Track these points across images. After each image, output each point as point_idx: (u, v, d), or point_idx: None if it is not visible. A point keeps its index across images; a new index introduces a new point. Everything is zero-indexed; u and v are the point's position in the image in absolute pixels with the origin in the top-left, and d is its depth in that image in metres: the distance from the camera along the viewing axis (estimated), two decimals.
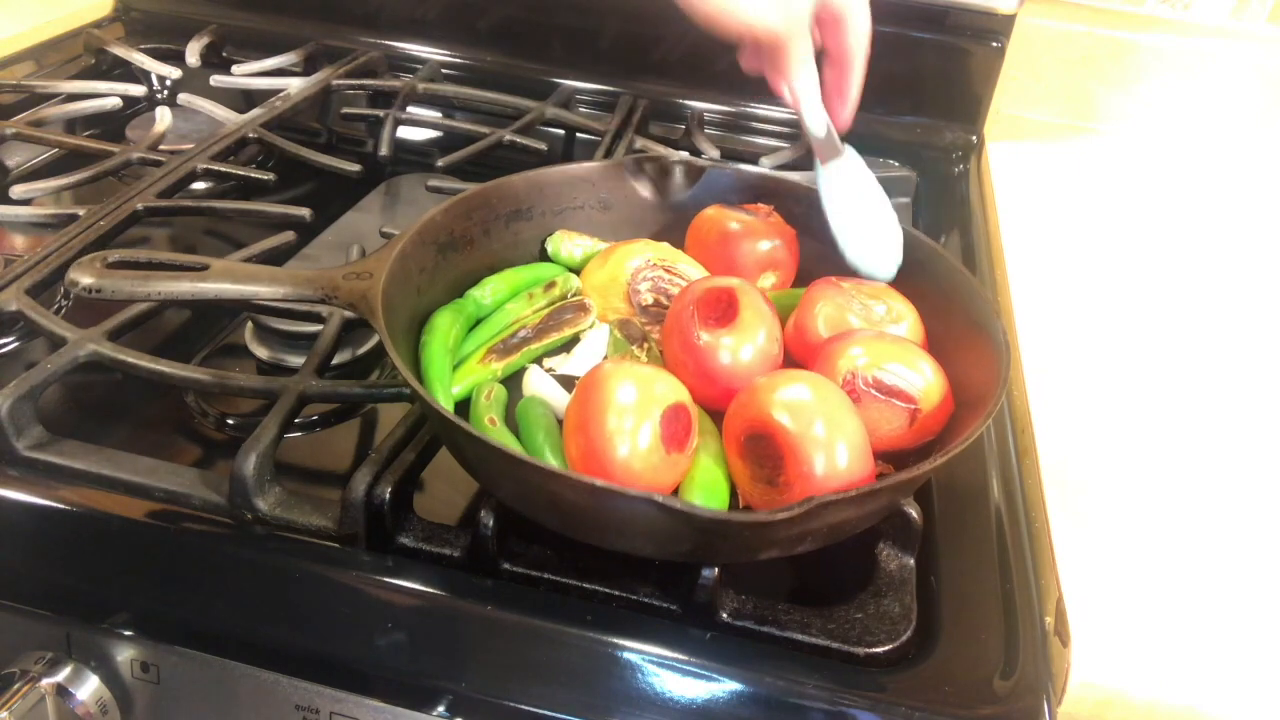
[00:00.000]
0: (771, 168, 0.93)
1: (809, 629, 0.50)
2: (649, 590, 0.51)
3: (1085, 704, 0.49)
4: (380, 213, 0.88)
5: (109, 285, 0.53)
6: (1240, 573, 0.55)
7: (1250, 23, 1.05)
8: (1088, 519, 0.57)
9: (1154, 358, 0.73)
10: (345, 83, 1.02)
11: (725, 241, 0.67)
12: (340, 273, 0.56)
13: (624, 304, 0.65)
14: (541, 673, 0.47)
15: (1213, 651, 0.50)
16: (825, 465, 0.47)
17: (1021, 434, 0.65)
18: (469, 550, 0.52)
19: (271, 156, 0.92)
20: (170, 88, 1.04)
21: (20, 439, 0.55)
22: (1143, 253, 0.87)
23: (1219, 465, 0.63)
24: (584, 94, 1.07)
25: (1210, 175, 1.04)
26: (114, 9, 1.20)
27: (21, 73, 1.05)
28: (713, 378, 0.56)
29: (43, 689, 0.50)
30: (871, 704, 0.46)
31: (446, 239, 0.63)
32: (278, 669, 0.49)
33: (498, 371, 0.60)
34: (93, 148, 0.86)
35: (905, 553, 0.54)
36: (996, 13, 1.00)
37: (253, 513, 0.52)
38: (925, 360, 0.55)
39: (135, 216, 0.76)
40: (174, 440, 0.61)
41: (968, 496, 0.58)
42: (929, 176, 0.99)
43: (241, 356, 0.68)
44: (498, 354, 0.61)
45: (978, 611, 0.51)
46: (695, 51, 1.07)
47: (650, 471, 0.48)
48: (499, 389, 0.58)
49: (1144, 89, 1.09)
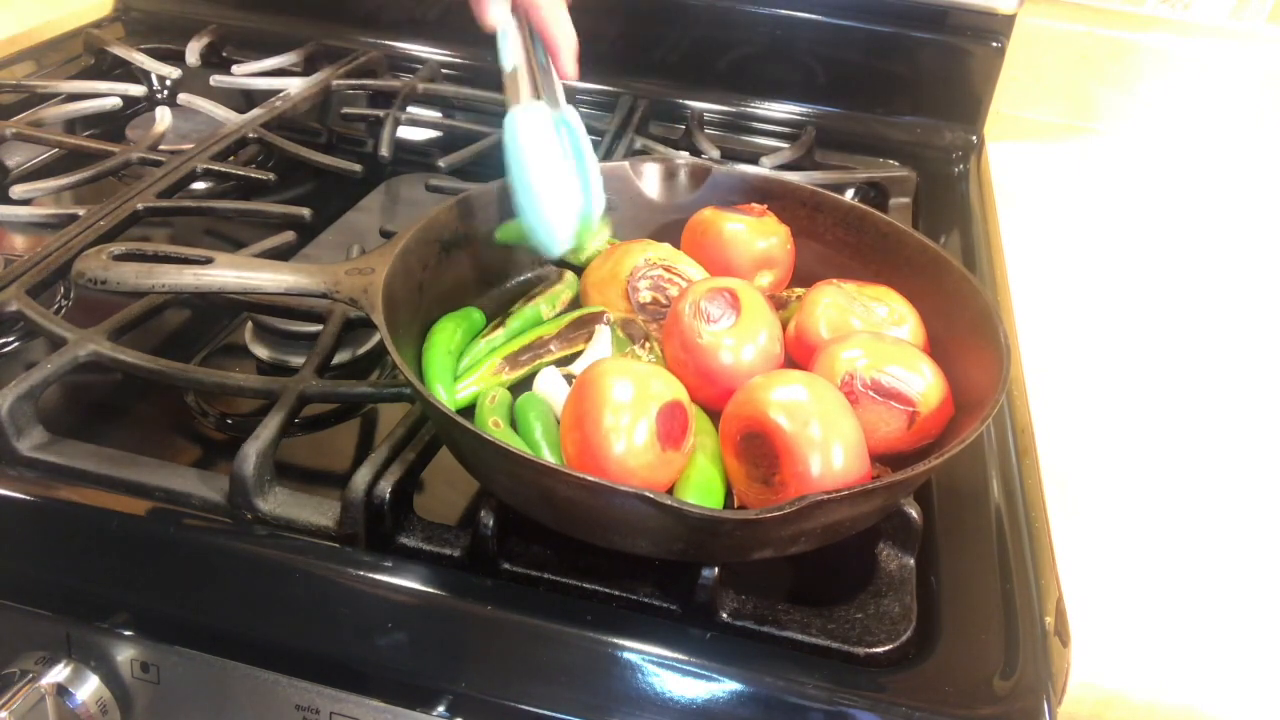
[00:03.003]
0: (772, 168, 0.93)
1: (809, 629, 0.50)
2: (649, 590, 0.51)
3: (1085, 704, 0.49)
4: (380, 213, 0.88)
5: (114, 277, 0.53)
6: (1240, 573, 0.55)
7: (1250, 23, 1.05)
8: (1088, 519, 0.57)
9: (1154, 358, 0.73)
10: (345, 83, 1.02)
11: (721, 241, 0.67)
12: (343, 268, 0.56)
13: (623, 301, 0.65)
14: (541, 673, 0.47)
15: (1212, 651, 0.50)
16: (821, 465, 0.47)
17: (1021, 434, 0.65)
18: (469, 550, 0.52)
19: (271, 156, 0.92)
20: (170, 88, 1.04)
21: (20, 439, 0.55)
22: (1143, 253, 0.87)
23: (1219, 465, 0.63)
24: (584, 94, 1.07)
25: (1210, 175, 1.04)
26: (114, 9, 1.20)
27: (21, 73, 1.05)
28: (713, 377, 0.56)
29: (43, 689, 0.50)
30: (871, 704, 0.46)
31: (450, 237, 0.64)
32: (278, 669, 0.49)
33: (508, 382, 0.60)
34: (93, 148, 0.87)
35: (905, 553, 0.54)
36: (996, 13, 1.00)
37: (253, 512, 0.52)
38: (925, 363, 0.55)
39: (135, 216, 0.76)
40: (174, 440, 0.61)
41: (968, 496, 0.58)
42: (929, 176, 0.98)
43: (241, 356, 0.68)
44: (510, 364, 0.61)
45: (978, 611, 0.51)
46: (695, 51, 1.07)
47: (645, 469, 0.48)
48: (503, 393, 0.58)
49: (1144, 89, 1.09)
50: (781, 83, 1.07)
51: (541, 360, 0.62)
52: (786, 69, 1.06)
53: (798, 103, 1.07)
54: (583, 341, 0.63)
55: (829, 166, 0.98)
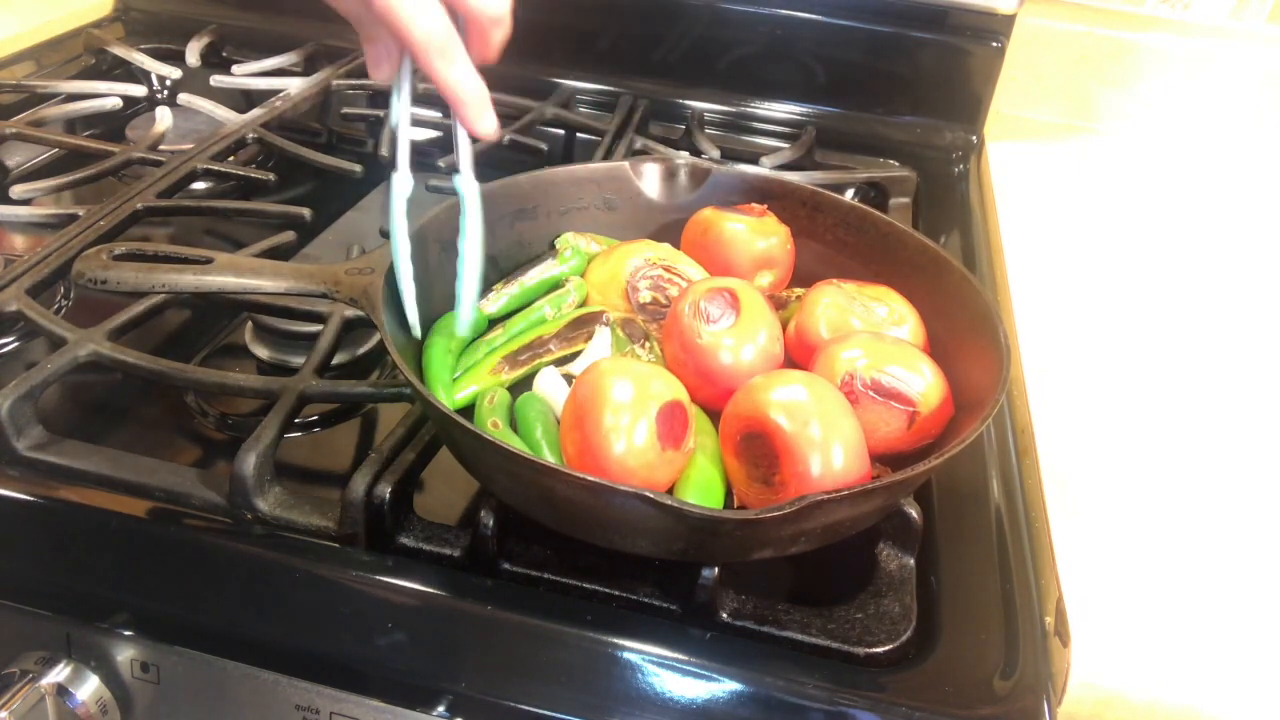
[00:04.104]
0: (772, 168, 0.93)
1: (809, 629, 0.50)
2: (649, 590, 0.51)
3: (1085, 704, 0.49)
4: (380, 213, 0.88)
5: (114, 277, 0.53)
6: (1240, 573, 0.55)
7: (1250, 23, 1.05)
8: (1088, 519, 0.57)
9: (1154, 358, 0.73)
10: (345, 83, 1.02)
11: (720, 241, 0.67)
12: (343, 268, 0.56)
13: (623, 301, 0.65)
14: (541, 673, 0.47)
15: (1212, 651, 0.50)
16: (821, 465, 0.47)
17: (1021, 434, 0.65)
18: (469, 550, 0.52)
19: (271, 156, 0.92)
20: (170, 88, 1.04)
21: (20, 439, 0.55)
22: (1143, 253, 0.87)
23: (1219, 465, 0.63)
24: (584, 94, 1.07)
25: (1210, 175, 1.04)
26: (114, 9, 1.20)
27: (21, 73, 1.05)
28: (713, 377, 0.56)
29: (43, 689, 0.50)
30: (871, 704, 0.46)
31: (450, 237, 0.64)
32: (278, 669, 0.49)
33: (507, 381, 0.60)
34: (93, 148, 0.87)
35: (905, 553, 0.54)
36: (996, 13, 1.00)
37: (253, 513, 0.52)
38: (925, 363, 0.55)
39: (135, 216, 0.76)
40: (174, 440, 0.61)
41: (968, 496, 0.58)
42: (929, 176, 0.98)
43: (241, 356, 0.68)
44: (510, 363, 0.61)
45: (978, 611, 0.51)
46: (695, 51, 1.07)
47: (646, 468, 0.48)
48: (502, 394, 0.58)
49: (1144, 89, 1.09)
50: (781, 83, 1.07)
51: (541, 360, 0.62)
52: (786, 69, 1.06)
53: (798, 103, 1.07)
54: (583, 341, 0.63)
55: (829, 166, 0.98)
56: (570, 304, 0.66)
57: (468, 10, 0.48)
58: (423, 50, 0.47)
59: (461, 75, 0.49)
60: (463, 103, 0.50)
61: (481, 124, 0.51)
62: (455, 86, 0.49)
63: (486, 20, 0.48)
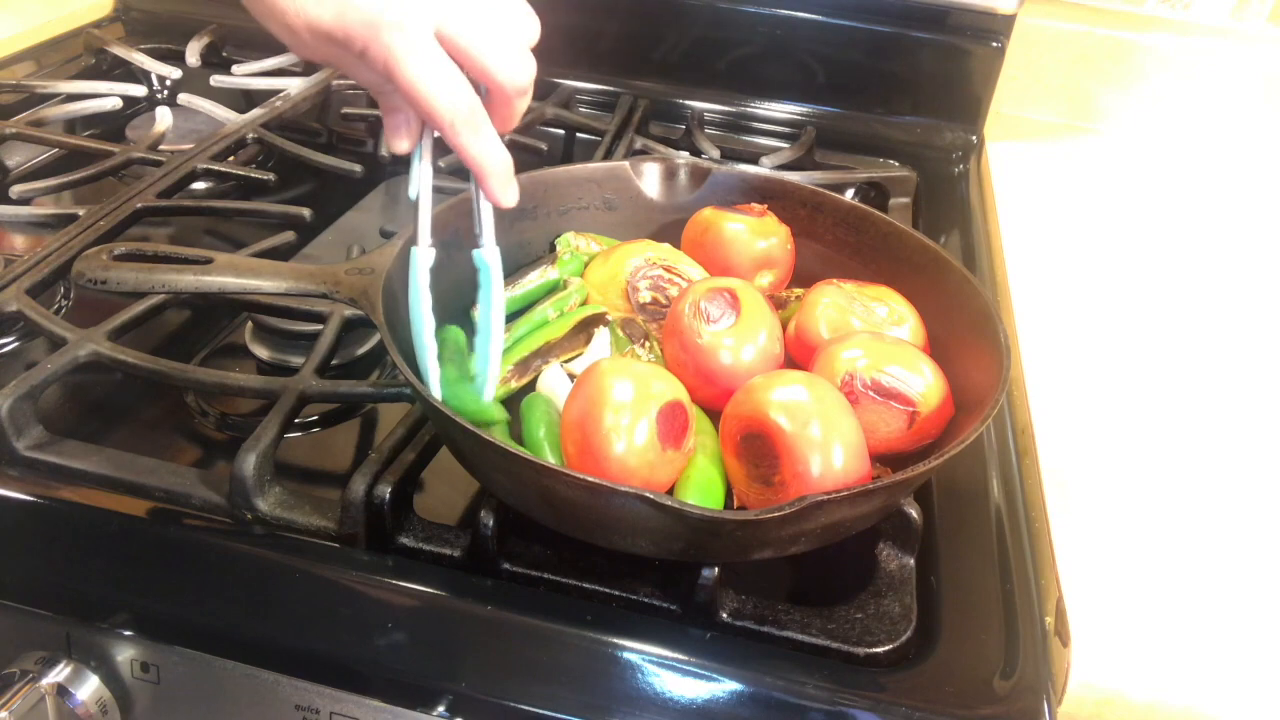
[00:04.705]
0: (772, 168, 0.93)
1: (809, 629, 0.50)
2: (649, 590, 0.51)
3: (1085, 704, 0.49)
4: (380, 213, 0.88)
5: (114, 277, 0.53)
6: (1240, 573, 0.55)
7: (1250, 23, 1.05)
8: (1088, 519, 0.57)
9: (1154, 358, 0.73)
10: (345, 83, 1.02)
11: (721, 241, 0.67)
12: (343, 268, 0.56)
13: (623, 301, 0.65)
14: (541, 673, 0.47)
15: (1212, 651, 0.50)
16: (821, 465, 0.47)
17: (1021, 434, 0.65)
18: (469, 550, 0.52)
19: (271, 156, 0.92)
20: (170, 88, 1.04)
21: (20, 439, 0.55)
22: (1143, 253, 0.87)
23: (1219, 466, 0.63)
24: (584, 94, 1.07)
25: (1210, 175, 1.04)
26: (114, 9, 1.20)
27: (21, 73, 1.05)
28: (713, 377, 0.56)
29: (43, 689, 0.50)
30: (871, 704, 0.46)
31: (451, 237, 0.63)
32: (278, 669, 0.49)
33: (516, 389, 0.60)
34: (93, 148, 0.87)
35: (905, 553, 0.54)
36: (996, 13, 1.00)
37: (253, 513, 0.52)
38: (925, 363, 0.55)
39: (135, 216, 0.76)
40: (174, 440, 0.61)
41: (968, 496, 0.58)
42: (929, 176, 0.99)
43: (241, 356, 0.68)
44: (519, 371, 0.60)
45: (978, 611, 0.51)
46: (695, 51, 1.07)
47: (646, 468, 0.48)
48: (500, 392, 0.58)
49: (1144, 89, 1.09)
50: (781, 83, 1.07)
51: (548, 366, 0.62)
52: (786, 69, 1.06)
53: (798, 103, 1.07)
54: (583, 344, 0.63)
55: (829, 166, 0.98)
56: (573, 304, 0.66)
57: (495, 83, 0.47)
58: (449, 124, 0.46)
59: (487, 146, 0.48)
60: (488, 174, 0.49)
61: (506, 196, 0.51)
62: (480, 158, 0.48)
63: (513, 91, 0.48)
